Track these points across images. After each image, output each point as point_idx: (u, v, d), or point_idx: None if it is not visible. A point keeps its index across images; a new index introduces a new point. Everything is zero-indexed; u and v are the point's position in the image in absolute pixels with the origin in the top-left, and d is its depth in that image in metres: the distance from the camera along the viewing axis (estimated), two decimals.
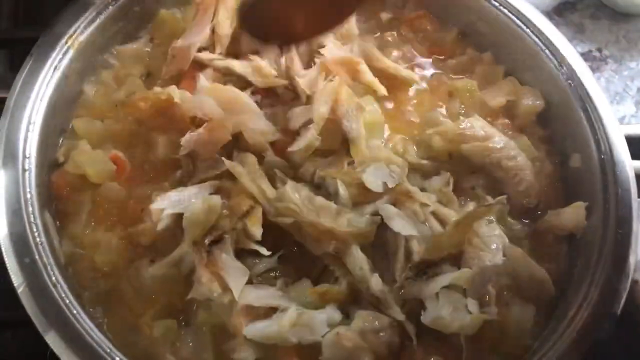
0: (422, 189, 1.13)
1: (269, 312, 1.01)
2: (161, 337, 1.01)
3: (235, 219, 1.05)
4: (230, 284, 1.00)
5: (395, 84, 1.28)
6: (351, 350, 0.98)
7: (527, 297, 1.08)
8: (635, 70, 1.66)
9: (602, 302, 1.04)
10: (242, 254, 1.06)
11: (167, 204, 1.06)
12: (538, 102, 1.28)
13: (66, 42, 1.19)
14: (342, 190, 1.09)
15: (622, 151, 1.16)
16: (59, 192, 1.13)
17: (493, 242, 1.07)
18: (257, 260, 1.07)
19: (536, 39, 1.29)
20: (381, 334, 1.00)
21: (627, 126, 1.35)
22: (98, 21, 1.23)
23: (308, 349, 1.00)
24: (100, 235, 1.09)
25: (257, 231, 1.05)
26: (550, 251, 1.17)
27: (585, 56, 1.65)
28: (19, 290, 0.97)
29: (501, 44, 1.34)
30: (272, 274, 1.08)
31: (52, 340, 0.94)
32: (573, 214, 1.16)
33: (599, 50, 1.69)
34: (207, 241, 1.03)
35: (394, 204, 1.09)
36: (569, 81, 1.24)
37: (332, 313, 1.02)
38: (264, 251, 1.05)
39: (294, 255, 1.10)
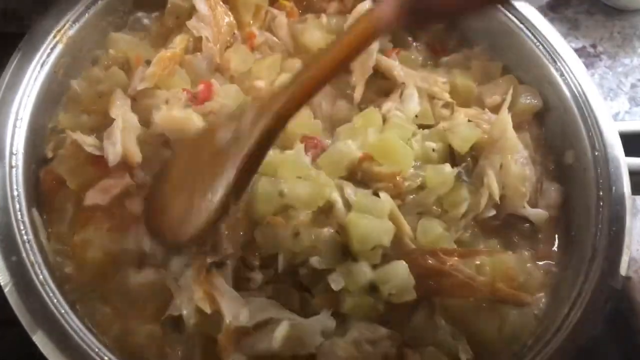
0: None
1: (260, 323, 0.98)
2: (145, 342, 1.00)
3: (238, 246, 1.03)
4: (224, 310, 0.97)
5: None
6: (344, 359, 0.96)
7: None
8: (629, 66, 1.65)
9: (595, 299, 1.03)
10: None
11: None
12: (536, 101, 1.27)
13: (54, 37, 1.17)
14: None
15: (615, 148, 1.16)
16: (47, 189, 1.11)
17: None
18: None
19: (530, 35, 1.28)
20: (377, 345, 0.98)
21: (621, 123, 1.35)
22: (87, 16, 1.21)
23: (302, 357, 0.98)
24: (89, 234, 1.07)
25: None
26: None
27: (580, 52, 1.64)
28: (6, 290, 0.95)
29: (495, 39, 1.33)
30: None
31: (40, 340, 0.93)
32: None
33: (593, 46, 1.68)
34: (209, 260, 1.00)
35: None
36: (563, 77, 1.23)
37: (325, 321, 0.99)
38: (259, 279, 1.03)
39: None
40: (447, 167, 1.12)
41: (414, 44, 1.35)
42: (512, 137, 1.17)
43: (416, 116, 1.20)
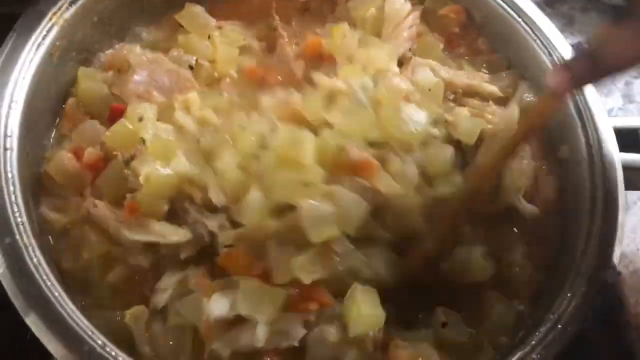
0: None
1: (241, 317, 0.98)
2: (134, 324, 0.99)
3: None
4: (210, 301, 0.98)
5: None
6: (335, 345, 0.97)
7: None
8: None
9: (587, 292, 1.04)
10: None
11: None
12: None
13: (50, 19, 1.16)
14: None
15: (610, 143, 1.16)
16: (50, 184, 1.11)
17: None
18: None
19: (528, 30, 1.29)
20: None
21: (616, 118, 1.35)
22: None
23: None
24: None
25: None
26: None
27: None
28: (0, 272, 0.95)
29: (495, 33, 1.34)
30: None
31: (32, 322, 0.92)
32: None
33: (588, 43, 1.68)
34: None
35: None
36: None
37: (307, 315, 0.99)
38: None
39: None
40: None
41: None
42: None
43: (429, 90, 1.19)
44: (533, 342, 1.00)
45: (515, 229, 1.18)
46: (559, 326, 1.01)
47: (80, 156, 1.11)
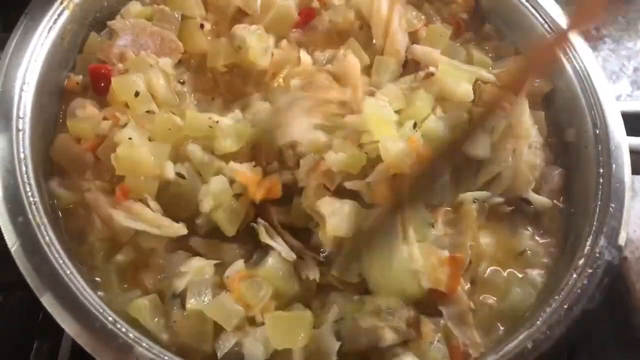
0: None
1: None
2: (139, 316, 0.99)
3: None
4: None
5: None
6: (370, 330, 0.99)
7: None
8: (633, 50, 1.66)
9: (592, 273, 1.04)
10: None
11: None
12: (545, 84, 1.27)
13: (61, 3, 1.18)
14: None
15: (617, 127, 1.16)
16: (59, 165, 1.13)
17: None
18: None
19: (536, 14, 1.29)
20: (396, 312, 1.01)
21: (624, 102, 1.35)
22: None
23: None
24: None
25: None
26: None
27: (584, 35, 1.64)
28: (13, 249, 0.96)
29: (502, 18, 1.34)
30: None
31: (47, 301, 0.94)
32: None
33: (597, 29, 1.68)
34: None
35: None
36: (567, 56, 1.24)
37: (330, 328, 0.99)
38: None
39: None
40: None
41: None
42: (527, 123, 1.17)
43: None
44: (538, 322, 1.01)
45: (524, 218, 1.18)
46: (565, 306, 1.02)
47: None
